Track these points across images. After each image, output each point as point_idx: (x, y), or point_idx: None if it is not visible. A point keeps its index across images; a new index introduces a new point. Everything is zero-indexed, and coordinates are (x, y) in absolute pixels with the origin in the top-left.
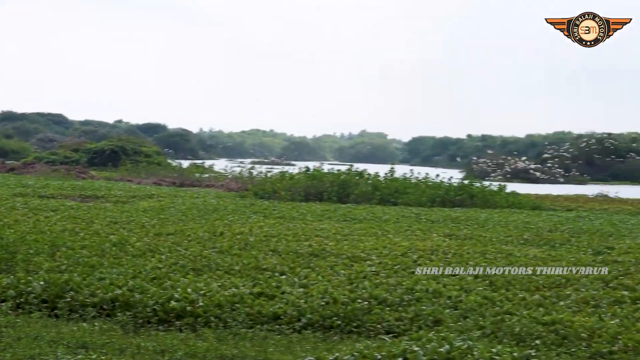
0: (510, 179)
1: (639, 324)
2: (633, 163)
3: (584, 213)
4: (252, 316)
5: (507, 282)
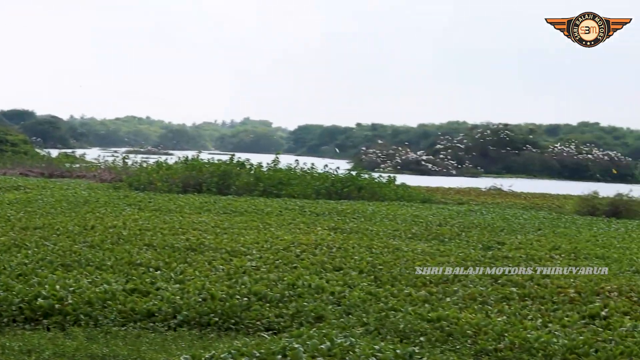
0: (401, 171)
1: (526, 322)
2: (529, 156)
3: (476, 207)
4: (125, 313)
5: (392, 277)
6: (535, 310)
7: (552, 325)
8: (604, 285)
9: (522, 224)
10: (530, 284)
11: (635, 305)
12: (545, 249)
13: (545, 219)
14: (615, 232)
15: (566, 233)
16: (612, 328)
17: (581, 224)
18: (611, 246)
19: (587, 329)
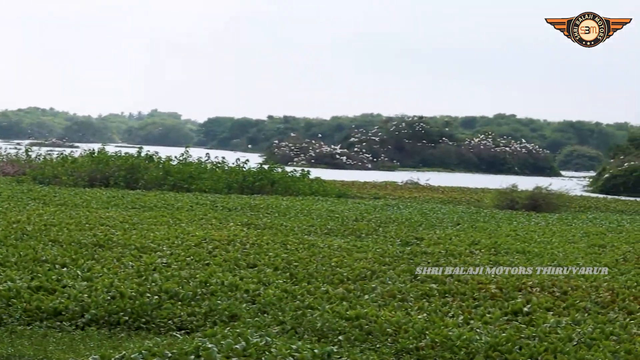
0: (315, 164)
1: (447, 319)
2: (445, 149)
3: (393, 201)
4: (30, 312)
5: (308, 274)
6: (456, 307)
7: (473, 322)
8: (526, 281)
9: (441, 218)
10: (450, 281)
11: (558, 301)
12: (465, 244)
13: (464, 213)
14: (536, 226)
15: (485, 227)
16: (535, 324)
17: (500, 218)
18: (532, 240)
19: (510, 326)
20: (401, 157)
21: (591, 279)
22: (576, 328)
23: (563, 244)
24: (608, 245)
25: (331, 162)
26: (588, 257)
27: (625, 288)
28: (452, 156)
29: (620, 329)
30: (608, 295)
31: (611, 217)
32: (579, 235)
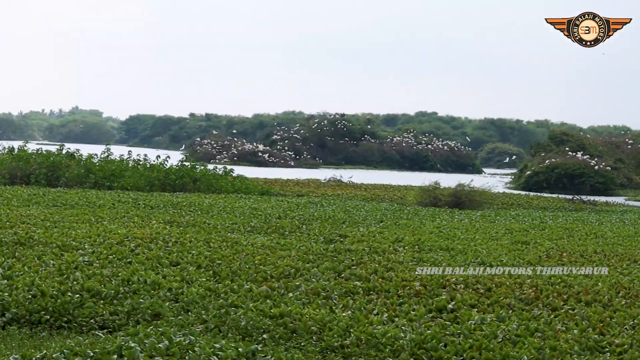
0: (237, 162)
1: (372, 316)
2: (367, 146)
3: (316, 199)
4: None
5: (232, 272)
6: (381, 304)
7: (398, 320)
8: (450, 278)
9: (364, 216)
10: (374, 278)
11: (483, 298)
12: (389, 241)
13: (387, 210)
14: (459, 223)
15: (409, 225)
16: (459, 321)
17: (424, 215)
18: (455, 237)
19: (435, 323)
20: (324, 154)
21: (515, 276)
22: (501, 325)
23: (486, 241)
24: (531, 242)
25: (254, 160)
26: (511, 254)
27: (549, 285)
28: (374, 154)
29: (544, 325)
30: (532, 292)
31: (534, 214)
32: (502, 232)
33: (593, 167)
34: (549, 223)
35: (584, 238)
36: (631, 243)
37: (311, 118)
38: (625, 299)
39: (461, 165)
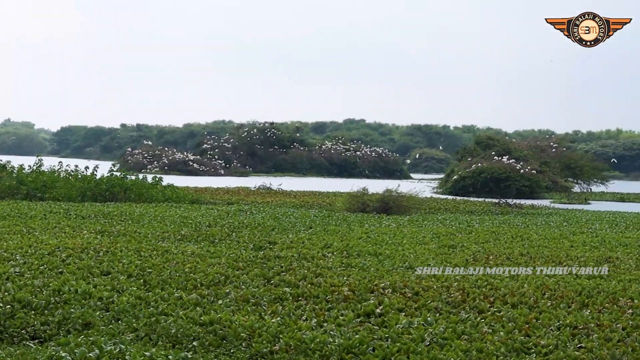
0: (168, 171)
1: (301, 322)
2: (297, 154)
3: (246, 207)
4: None
5: (162, 280)
6: (310, 310)
7: (327, 325)
8: (378, 282)
9: (293, 222)
10: (303, 283)
11: (410, 302)
12: (318, 247)
13: (316, 217)
14: (387, 229)
15: (338, 230)
16: (387, 325)
17: (352, 221)
18: (383, 242)
19: (363, 327)
20: (253, 162)
21: (442, 279)
22: (428, 328)
23: (414, 246)
24: (458, 245)
25: (184, 169)
26: (439, 258)
27: (476, 287)
28: (303, 161)
29: (471, 328)
30: (459, 295)
31: (460, 218)
32: (429, 236)
33: (519, 170)
34: (475, 227)
35: (510, 241)
36: (556, 245)
37: (241, 127)
38: (550, 301)
39: (389, 171)
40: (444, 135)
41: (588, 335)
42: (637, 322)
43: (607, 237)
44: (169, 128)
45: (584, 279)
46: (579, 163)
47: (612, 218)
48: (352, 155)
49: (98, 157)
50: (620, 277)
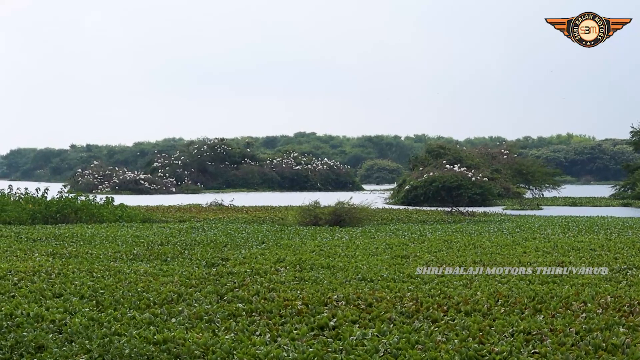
0: (119, 191)
1: (255, 338)
2: (248, 169)
3: (198, 224)
4: None
5: (115, 301)
6: (264, 325)
7: (281, 340)
8: (331, 295)
9: (246, 238)
10: (257, 299)
11: (364, 313)
12: (270, 262)
13: (269, 231)
14: (339, 241)
15: (290, 245)
16: (341, 337)
17: (305, 234)
18: (336, 255)
19: (317, 341)
20: (205, 179)
21: (395, 290)
22: (382, 339)
23: (367, 257)
24: (411, 255)
25: (135, 188)
26: (392, 269)
27: (429, 297)
28: (255, 176)
29: (425, 337)
30: (412, 305)
31: (413, 228)
32: (382, 247)
33: (470, 178)
34: (428, 236)
35: (463, 249)
36: (509, 252)
37: (191, 144)
38: (504, 307)
39: (341, 183)
40: (395, 146)
41: (542, 340)
42: (590, 326)
43: (559, 241)
44: (119, 147)
45: (537, 285)
46: (531, 169)
47: (564, 223)
48: (304, 168)
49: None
50: (573, 282)
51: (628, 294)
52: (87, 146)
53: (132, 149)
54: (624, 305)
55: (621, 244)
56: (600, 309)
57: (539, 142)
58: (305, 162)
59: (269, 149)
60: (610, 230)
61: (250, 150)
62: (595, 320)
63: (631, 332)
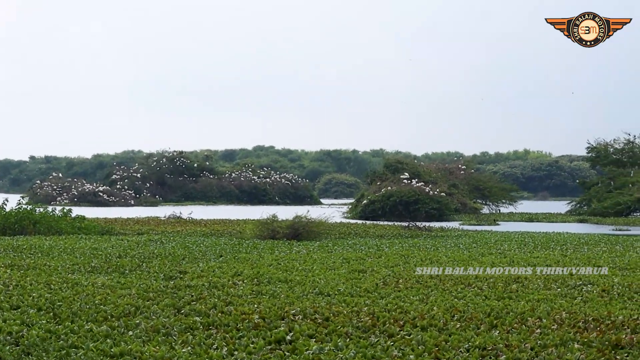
0: (78, 203)
1: (211, 351)
2: (207, 182)
3: (156, 236)
4: None
5: (72, 313)
6: (220, 338)
7: (237, 353)
8: (288, 309)
9: (204, 251)
10: (214, 312)
11: (321, 327)
12: (228, 275)
13: (227, 245)
14: (297, 255)
15: (248, 258)
16: (298, 352)
17: (262, 248)
18: (293, 269)
19: (274, 355)
20: (163, 192)
21: (352, 304)
22: (338, 353)
23: (324, 271)
24: (368, 270)
25: (94, 200)
26: (349, 283)
27: (386, 311)
28: (213, 189)
29: (381, 352)
30: (369, 320)
31: (370, 242)
32: (339, 261)
33: (428, 193)
34: (385, 250)
35: (420, 264)
36: (465, 267)
37: (150, 156)
38: (460, 322)
39: (299, 197)
40: (353, 160)
41: (497, 356)
42: (545, 342)
43: (515, 257)
44: (78, 159)
45: (493, 300)
46: (488, 184)
47: (520, 238)
48: (262, 182)
49: (7, 190)
50: (529, 297)
51: (583, 310)
52: (46, 157)
53: (91, 160)
54: (578, 321)
55: (577, 260)
56: (555, 325)
57: (496, 157)
58: (264, 176)
59: (227, 162)
60: (567, 246)
61: (209, 164)
62: (550, 336)
63: (585, 348)
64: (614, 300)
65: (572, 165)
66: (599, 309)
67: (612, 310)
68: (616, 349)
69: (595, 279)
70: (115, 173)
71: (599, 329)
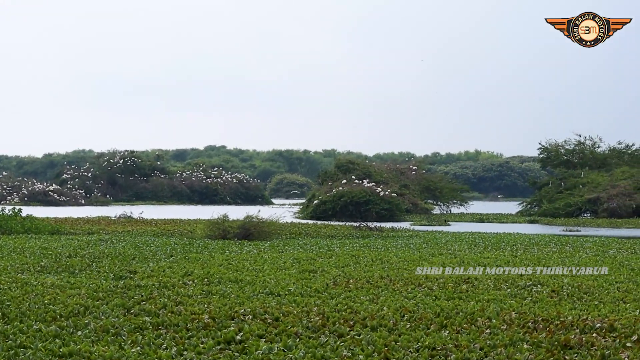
0: (28, 202)
1: (161, 351)
2: (157, 182)
3: (106, 236)
4: None
5: (21, 313)
6: (170, 338)
7: (187, 353)
8: (238, 309)
9: (154, 251)
10: (164, 312)
11: (270, 327)
12: (178, 275)
13: (177, 244)
14: (247, 255)
15: (198, 258)
16: (248, 352)
17: (213, 248)
18: (244, 269)
19: (223, 355)
20: (114, 191)
21: (302, 304)
22: (288, 353)
23: (274, 271)
24: (319, 270)
25: (44, 200)
26: (299, 283)
27: (336, 311)
28: (164, 189)
29: (331, 352)
30: (319, 320)
31: (321, 243)
32: (290, 261)
33: (378, 194)
34: (336, 251)
35: (370, 264)
36: (416, 267)
37: (101, 156)
38: (409, 322)
39: (250, 197)
40: (305, 160)
41: (446, 356)
42: (494, 342)
43: (465, 257)
44: (29, 158)
45: (443, 300)
46: (438, 185)
47: (471, 239)
48: (213, 182)
49: None
50: (479, 297)
51: (532, 310)
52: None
53: (41, 160)
54: (528, 321)
55: (527, 261)
56: (504, 325)
57: (447, 158)
58: (215, 176)
59: (179, 162)
60: (517, 246)
61: (160, 163)
62: (500, 336)
63: (535, 349)
64: (563, 300)
65: (523, 166)
66: (549, 309)
67: (562, 310)
68: (565, 349)
69: (545, 279)
70: (66, 172)
71: (548, 329)
